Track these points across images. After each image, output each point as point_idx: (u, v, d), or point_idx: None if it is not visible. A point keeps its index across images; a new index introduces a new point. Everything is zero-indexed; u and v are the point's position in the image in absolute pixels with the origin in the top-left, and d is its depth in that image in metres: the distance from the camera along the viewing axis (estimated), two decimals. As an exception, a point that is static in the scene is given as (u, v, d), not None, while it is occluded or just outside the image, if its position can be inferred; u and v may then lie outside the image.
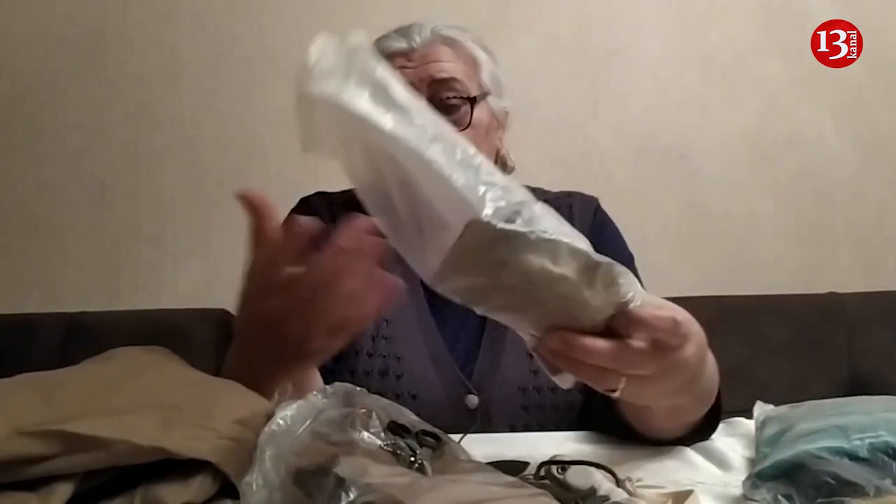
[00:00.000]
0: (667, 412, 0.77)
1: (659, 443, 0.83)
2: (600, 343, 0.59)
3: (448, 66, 1.04)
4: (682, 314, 0.63)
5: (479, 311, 0.62)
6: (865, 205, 1.93)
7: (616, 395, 0.63)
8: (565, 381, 0.64)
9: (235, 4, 1.88)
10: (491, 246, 0.57)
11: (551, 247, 0.57)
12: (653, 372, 0.61)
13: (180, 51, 1.87)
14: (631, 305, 0.59)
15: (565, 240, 0.57)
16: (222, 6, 1.88)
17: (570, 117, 1.90)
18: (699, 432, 0.84)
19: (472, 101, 1.03)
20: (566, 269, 0.57)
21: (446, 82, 1.03)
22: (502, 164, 1.15)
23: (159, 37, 1.87)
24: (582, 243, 0.59)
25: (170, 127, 1.86)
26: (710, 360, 0.76)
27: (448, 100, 1.02)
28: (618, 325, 0.60)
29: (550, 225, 0.58)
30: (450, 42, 1.06)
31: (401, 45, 1.05)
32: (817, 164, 1.93)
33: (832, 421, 0.67)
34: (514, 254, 0.56)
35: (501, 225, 0.56)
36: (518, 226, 0.57)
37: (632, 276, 0.60)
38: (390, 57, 1.04)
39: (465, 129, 1.02)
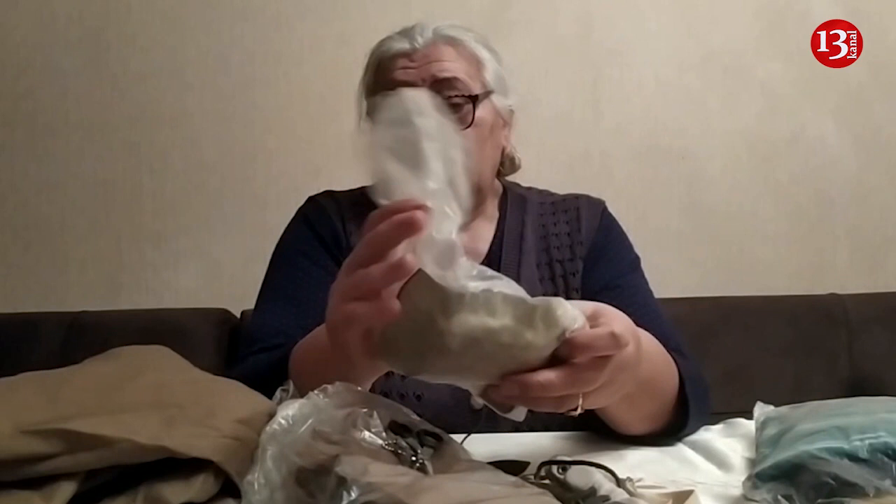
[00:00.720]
0: (622, 406, 0.80)
1: (652, 439, 0.85)
2: (553, 375, 0.61)
3: (450, 65, 1.04)
4: (618, 324, 0.65)
5: (422, 377, 0.62)
6: (865, 205, 1.93)
7: (578, 412, 0.66)
8: (518, 414, 0.66)
9: (237, 4, 1.88)
10: (430, 306, 0.57)
11: (486, 301, 0.58)
12: (603, 382, 0.65)
13: (182, 50, 1.87)
14: (569, 332, 0.61)
15: (496, 290, 0.58)
16: (224, 6, 1.87)
17: (570, 117, 1.90)
18: (680, 419, 0.86)
19: (475, 99, 1.03)
20: (505, 319, 0.59)
21: (448, 81, 1.03)
22: (509, 161, 1.15)
23: (161, 36, 1.87)
24: (513, 289, 0.60)
25: (171, 126, 1.86)
26: (650, 347, 0.79)
27: (450, 99, 1.02)
28: (562, 353, 0.62)
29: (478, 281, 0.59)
30: (452, 42, 1.06)
31: (403, 45, 1.05)
32: (817, 164, 1.93)
33: (832, 422, 0.67)
34: (452, 316, 0.57)
35: (436, 279, 0.57)
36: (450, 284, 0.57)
37: (566, 303, 0.62)
38: (393, 58, 1.05)
39: (468, 127, 1.02)
